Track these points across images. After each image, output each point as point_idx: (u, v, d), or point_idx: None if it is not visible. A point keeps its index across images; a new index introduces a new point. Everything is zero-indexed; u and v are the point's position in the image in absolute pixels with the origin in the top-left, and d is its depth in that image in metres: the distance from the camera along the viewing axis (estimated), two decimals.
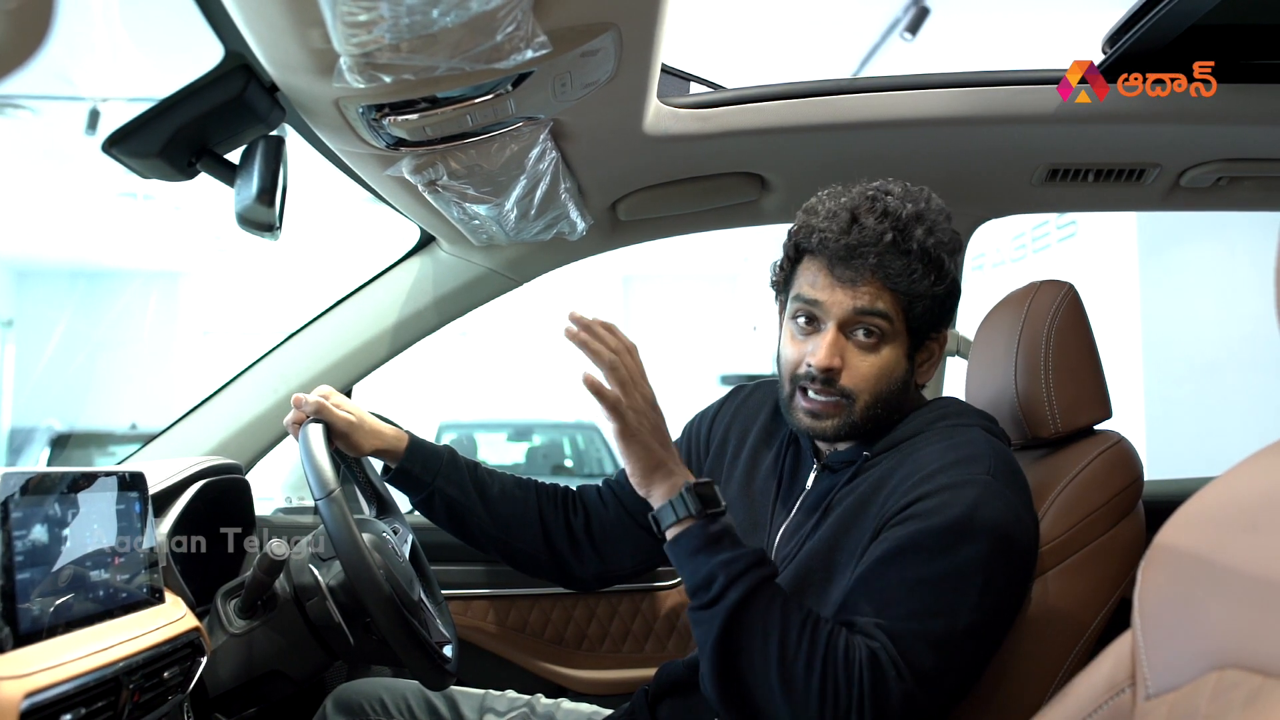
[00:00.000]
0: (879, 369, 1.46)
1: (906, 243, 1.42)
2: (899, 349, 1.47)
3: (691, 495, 1.33)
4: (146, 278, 13.91)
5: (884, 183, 1.50)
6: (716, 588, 1.29)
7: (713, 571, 1.29)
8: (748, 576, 1.28)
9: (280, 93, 1.38)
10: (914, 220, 1.44)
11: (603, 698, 2.02)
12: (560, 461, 10.73)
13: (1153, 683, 0.82)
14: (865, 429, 1.49)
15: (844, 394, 1.46)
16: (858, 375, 1.46)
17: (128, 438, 9.62)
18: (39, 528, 1.16)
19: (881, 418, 1.49)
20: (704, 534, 1.32)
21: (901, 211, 1.44)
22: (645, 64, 1.49)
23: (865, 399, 1.46)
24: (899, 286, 1.43)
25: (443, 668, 1.56)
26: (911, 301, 1.44)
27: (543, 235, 2.01)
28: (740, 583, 1.28)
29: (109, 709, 1.17)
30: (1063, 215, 7.13)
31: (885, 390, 1.47)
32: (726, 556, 1.30)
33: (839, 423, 1.47)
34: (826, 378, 1.45)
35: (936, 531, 1.30)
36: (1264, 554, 0.76)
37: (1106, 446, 1.53)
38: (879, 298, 1.43)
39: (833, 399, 1.47)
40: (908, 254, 1.42)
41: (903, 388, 1.49)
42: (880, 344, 1.45)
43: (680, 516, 1.33)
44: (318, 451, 1.56)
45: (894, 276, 1.42)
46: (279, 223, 1.45)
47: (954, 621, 1.28)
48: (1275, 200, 2.18)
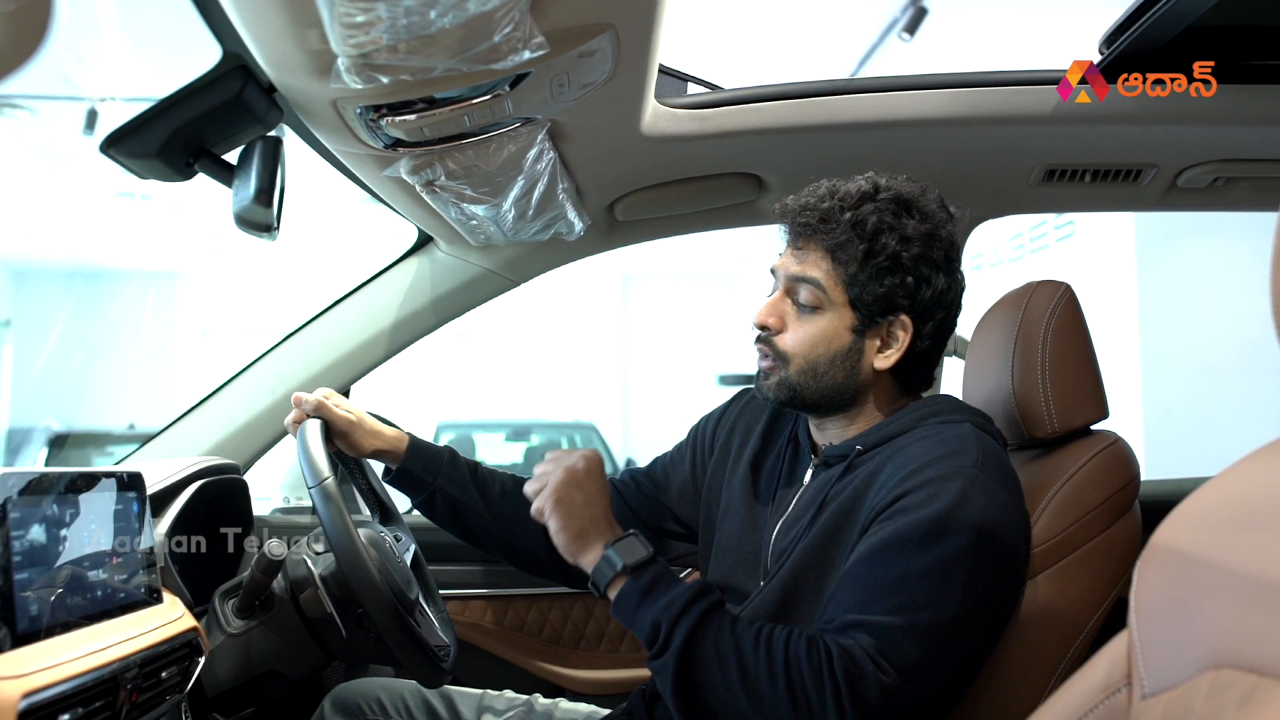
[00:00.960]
0: (813, 335, 1.49)
1: (844, 213, 1.47)
2: (838, 321, 1.49)
3: (615, 553, 1.37)
4: (144, 278, 13.90)
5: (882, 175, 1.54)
6: (662, 635, 1.31)
7: (655, 620, 1.32)
8: (688, 614, 1.30)
9: (278, 93, 1.38)
10: (865, 197, 1.48)
11: (600, 697, 2.02)
12: None
13: (1148, 682, 0.83)
14: (811, 399, 1.52)
15: (779, 355, 1.51)
16: (792, 338, 1.51)
17: (125, 438, 9.61)
18: (37, 528, 1.16)
19: (826, 390, 1.51)
20: (637, 588, 1.35)
21: (862, 189, 1.49)
22: (643, 65, 1.49)
23: (798, 363, 1.50)
24: (836, 254, 1.47)
25: (438, 665, 1.56)
26: (849, 272, 1.47)
27: (540, 235, 2.01)
28: (682, 622, 1.30)
29: (107, 709, 1.17)
30: (1060, 215, 7.13)
31: (821, 359, 1.49)
32: (663, 602, 1.32)
33: (776, 382, 1.52)
34: (764, 336, 1.53)
35: (921, 524, 1.30)
36: (1260, 554, 0.76)
37: (1103, 446, 1.53)
38: (816, 265, 1.48)
39: (770, 359, 1.53)
40: (839, 223, 1.47)
41: (846, 363, 1.50)
42: (817, 313, 1.49)
43: (611, 578, 1.37)
44: (313, 444, 1.57)
45: (832, 244, 1.47)
46: (277, 223, 1.45)
47: (939, 614, 1.28)
48: (1271, 200, 2.18)
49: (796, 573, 1.44)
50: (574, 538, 1.40)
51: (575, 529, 1.40)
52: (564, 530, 1.40)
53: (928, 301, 1.49)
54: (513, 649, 2.25)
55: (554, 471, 1.42)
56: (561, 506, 1.40)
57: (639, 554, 1.37)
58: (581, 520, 1.40)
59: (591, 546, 1.39)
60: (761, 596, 1.48)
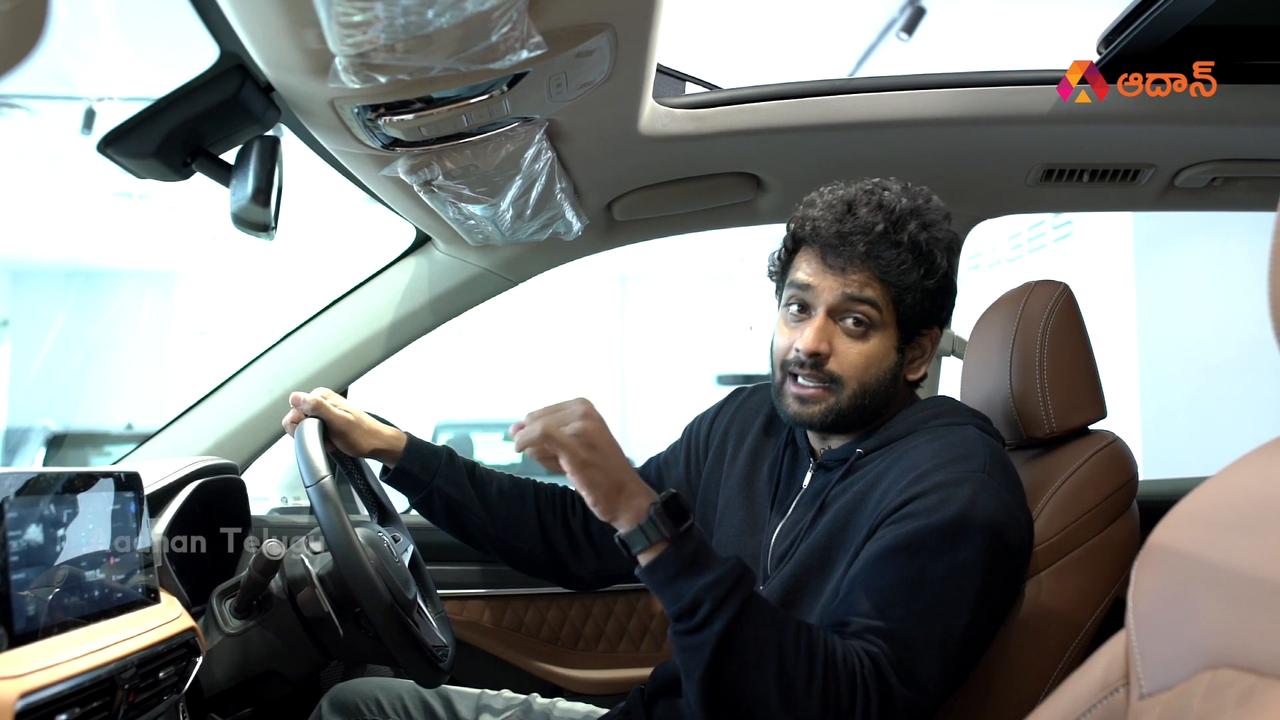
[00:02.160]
0: (866, 357, 1.47)
1: (898, 234, 1.44)
2: (888, 340, 1.48)
3: (661, 517, 1.26)
4: (142, 277, 13.89)
5: (884, 180, 1.52)
6: (703, 613, 1.24)
7: (697, 596, 1.24)
8: (734, 597, 1.24)
9: (276, 93, 1.38)
10: (909, 214, 1.45)
11: (598, 697, 2.02)
12: None
13: (1146, 682, 0.83)
14: (852, 419, 1.49)
15: (831, 379, 1.47)
16: (845, 362, 1.47)
17: (123, 438, 9.62)
18: (34, 528, 1.16)
19: (868, 409, 1.49)
20: (680, 557, 1.26)
21: (896, 205, 1.45)
22: (641, 64, 1.49)
23: (852, 386, 1.47)
24: (889, 277, 1.44)
25: (435, 664, 1.56)
26: (901, 293, 1.45)
27: (538, 235, 2.01)
28: (727, 605, 1.23)
29: (104, 709, 1.17)
30: (1059, 215, 7.13)
31: (872, 380, 1.47)
32: (710, 579, 1.24)
33: (825, 408, 1.48)
34: (814, 362, 1.47)
35: (934, 530, 1.30)
36: (1258, 553, 0.76)
37: (1101, 446, 1.53)
38: (868, 286, 1.45)
39: (820, 384, 1.48)
40: (898, 245, 1.44)
41: (891, 381, 1.50)
42: (868, 332, 1.46)
43: (652, 541, 1.26)
44: (311, 443, 1.57)
45: (884, 266, 1.44)
46: (274, 223, 1.45)
47: (953, 622, 1.28)
48: (1269, 200, 2.18)
49: (797, 575, 1.44)
50: (613, 492, 1.27)
51: (611, 483, 1.27)
52: (597, 487, 1.27)
53: (950, 310, 1.53)
54: (510, 649, 2.25)
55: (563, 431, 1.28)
56: (589, 469, 1.27)
57: (683, 519, 1.27)
58: (615, 475, 1.27)
59: (632, 501, 1.27)
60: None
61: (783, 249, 1.57)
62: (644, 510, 1.27)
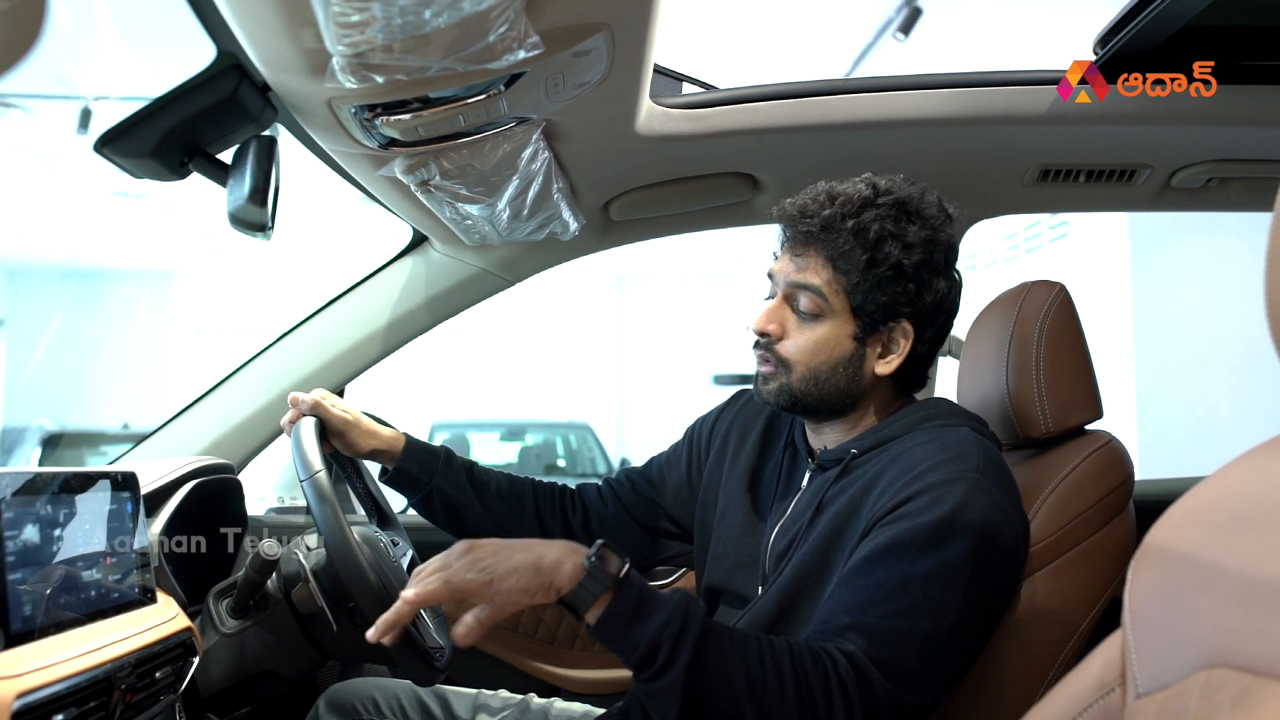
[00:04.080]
0: (814, 342, 1.48)
1: (843, 221, 1.45)
2: (839, 328, 1.48)
3: (596, 569, 1.20)
4: (139, 277, 13.90)
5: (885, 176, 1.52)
6: (662, 656, 1.19)
7: (653, 640, 1.20)
8: (688, 633, 1.20)
9: (272, 92, 1.38)
10: (866, 204, 1.46)
11: (596, 697, 2.02)
12: (553, 461, 10.76)
13: (1142, 682, 0.83)
14: (810, 403, 1.51)
15: (780, 361, 1.50)
16: (792, 345, 1.49)
17: (120, 437, 9.61)
18: (31, 528, 1.16)
19: (825, 396, 1.50)
20: (626, 604, 1.21)
21: (863, 194, 1.47)
22: (638, 64, 1.49)
23: (799, 370, 1.49)
24: (837, 263, 1.46)
25: (432, 663, 1.56)
26: (850, 281, 1.46)
27: (535, 235, 2.01)
28: (684, 642, 1.20)
29: (101, 709, 1.17)
30: (1055, 215, 7.15)
31: (822, 366, 1.48)
32: (660, 619, 1.20)
33: (777, 387, 1.51)
34: (765, 342, 1.51)
35: (924, 529, 1.30)
36: (1254, 553, 0.77)
37: (1097, 446, 1.53)
38: (817, 271, 1.47)
39: (770, 365, 1.51)
40: (841, 231, 1.45)
41: (848, 370, 1.49)
42: (817, 320, 1.48)
43: (595, 595, 1.20)
44: (307, 439, 1.56)
45: (833, 253, 1.46)
46: (271, 223, 1.45)
47: (939, 620, 1.28)
48: (1265, 201, 2.18)
49: (796, 579, 1.44)
50: (537, 575, 1.21)
51: (530, 569, 1.21)
52: (523, 585, 1.20)
53: (929, 307, 1.49)
54: (508, 648, 2.25)
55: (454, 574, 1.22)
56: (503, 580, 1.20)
57: (617, 566, 1.21)
58: (524, 560, 1.22)
59: (561, 568, 1.22)
60: (761, 603, 1.48)
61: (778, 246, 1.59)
62: (579, 567, 1.21)
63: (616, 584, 1.21)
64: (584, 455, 10.97)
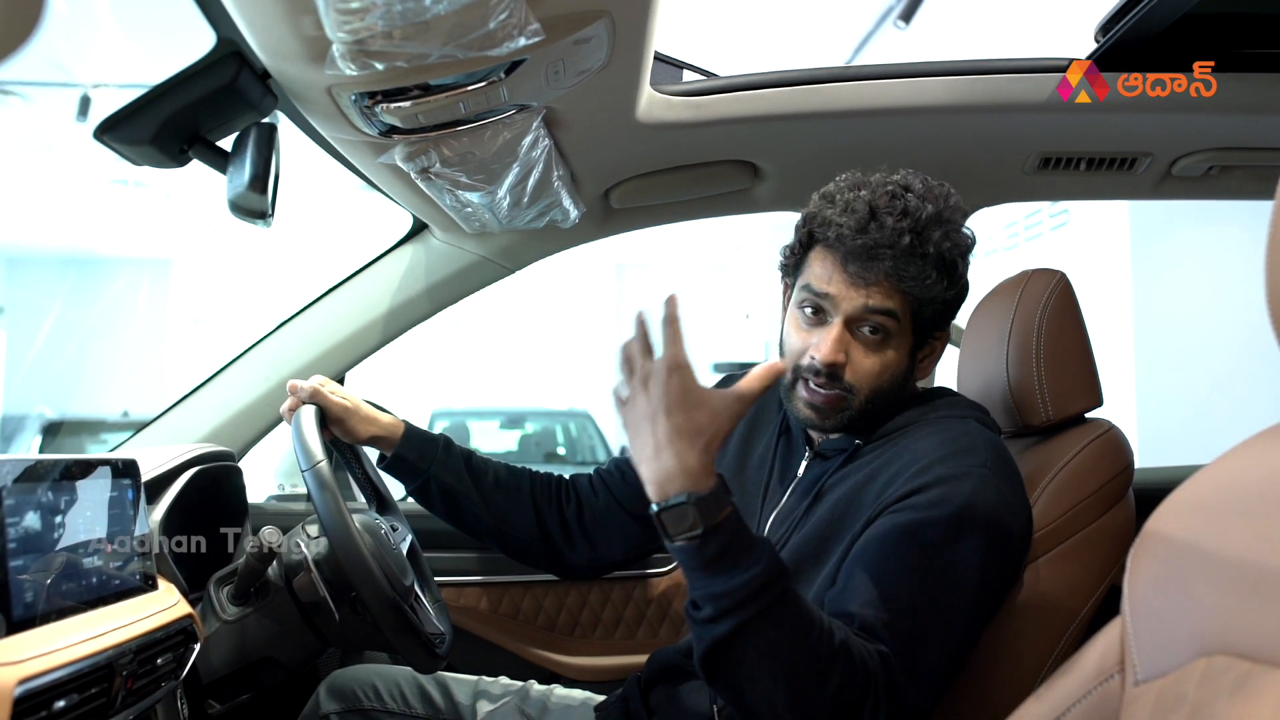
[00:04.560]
0: (882, 366, 1.45)
1: (923, 246, 1.40)
2: (903, 347, 1.46)
3: (691, 508, 1.14)
4: (137, 265, 13.90)
5: (904, 176, 1.48)
6: (704, 614, 1.18)
7: (704, 597, 1.18)
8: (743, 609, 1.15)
9: (273, 80, 1.37)
10: (933, 222, 1.42)
11: (595, 684, 2.03)
12: (553, 449, 10.76)
13: (1141, 668, 0.83)
14: (860, 423, 1.49)
15: (845, 389, 1.45)
16: (860, 371, 1.45)
17: (119, 425, 9.63)
18: (32, 515, 1.16)
19: (878, 413, 1.49)
20: (699, 557, 1.16)
21: (921, 212, 1.41)
22: (638, 51, 1.49)
23: (865, 394, 1.45)
24: (911, 289, 1.42)
25: (432, 649, 1.56)
26: (921, 304, 1.44)
27: (535, 223, 2.01)
28: (732, 615, 1.16)
29: (102, 695, 1.17)
30: (1055, 204, 7.14)
31: (886, 387, 1.46)
32: (721, 588, 1.16)
33: (839, 418, 1.47)
34: (830, 372, 1.44)
35: (936, 524, 1.30)
36: (1254, 540, 0.77)
37: (1097, 434, 1.54)
38: (889, 298, 1.42)
39: (834, 393, 1.45)
40: (923, 258, 1.40)
41: (902, 385, 1.49)
42: (885, 342, 1.44)
43: (671, 534, 1.17)
44: (308, 428, 1.57)
45: (907, 280, 1.41)
46: (271, 210, 1.44)
47: (953, 616, 1.29)
48: (1266, 189, 2.18)
49: (792, 564, 1.43)
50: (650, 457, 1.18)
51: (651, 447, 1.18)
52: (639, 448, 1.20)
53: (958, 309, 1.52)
54: (508, 635, 2.25)
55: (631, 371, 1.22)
56: (633, 414, 1.21)
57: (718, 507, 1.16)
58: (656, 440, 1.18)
59: (670, 479, 1.16)
60: None
61: (797, 243, 1.54)
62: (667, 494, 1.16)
63: (695, 538, 1.15)
64: (584, 443, 10.97)
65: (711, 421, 1.18)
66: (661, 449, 1.17)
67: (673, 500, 1.15)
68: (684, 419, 1.17)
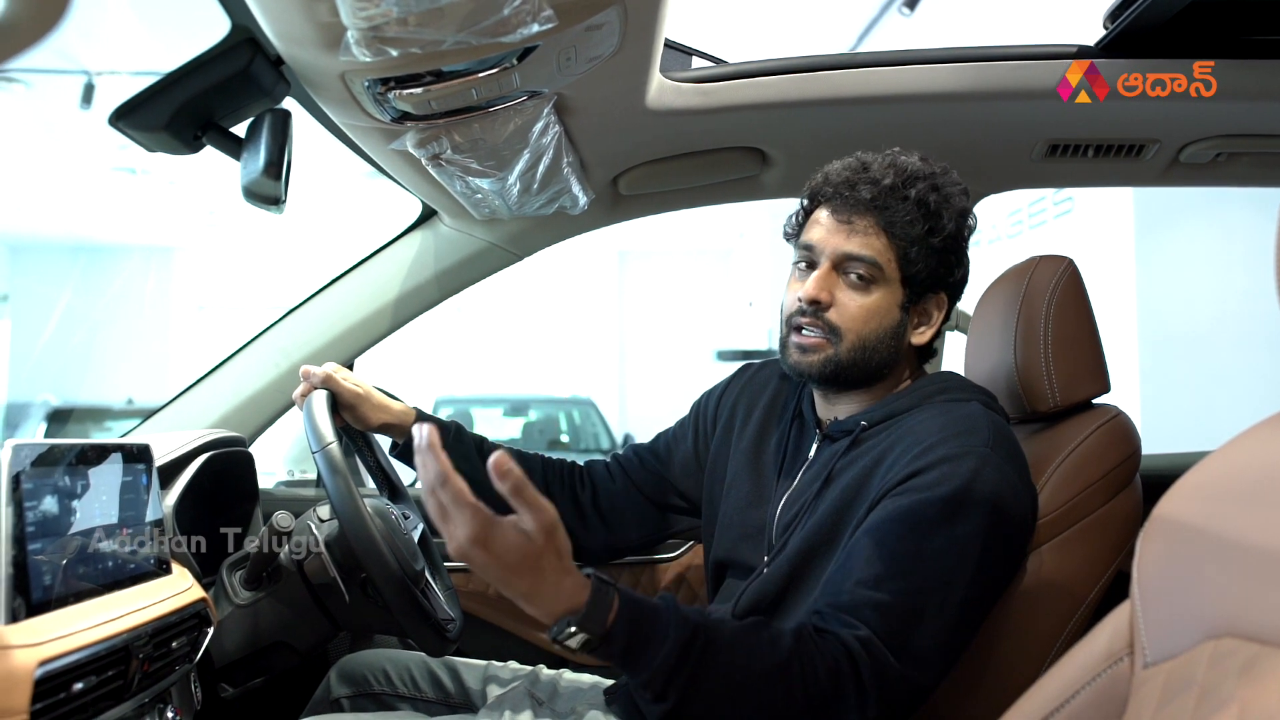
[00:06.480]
0: (867, 310, 1.49)
1: (906, 189, 1.47)
2: (890, 296, 1.50)
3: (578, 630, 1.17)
4: (142, 253, 13.91)
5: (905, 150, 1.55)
6: (647, 695, 1.21)
7: (636, 686, 1.22)
8: (676, 679, 1.18)
9: (286, 66, 1.38)
10: (920, 176, 1.49)
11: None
12: (556, 436, 10.79)
13: (1150, 651, 0.84)
14: (851, 373, 1.51)
15: (830, 329, 1.49)
16: (845, 313, 1.49)
17: (124, 413, 9.65)
18: (49, 499, 1.17)
19: (868, 365, 1.51)
20: (610, 655, 1.20)
21: (909, 166, 1.49)
22: (649, 38, 1.49)
23: (850, 338, 1.49)
24: (894, 230, 1.47)
25: (442, 632, 1.57)
26: (906, 249, 1.48)
27: (544, 209, 2.01)
28: (672, 688, 1.19)
29: (119, 678, 1.18)
30: (1059, 191, 7.12)
31: (871, 334, 1.49)
32: (645, 674, 1.19)
33: (824, 358, 1.50)
34: (815, 310, 1.49)
35: (935, 504, 1.31)
36: (1262, 525, 0.78)
37: (1104, 420, 1.54)
38: (873, 238, 1.48)
39: (819, 334, 1.50)
40: (905, 199, 1.47)
41: (892, 339, 1.51)
42: (871, 286, 1.49)
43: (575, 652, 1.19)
44: (319, 411, 1.57)
45: (890, 218, 1.47)
46: (285, 196, 1.45)
47: (950, 596, 1.29)
48: (1273, 176, 2.18)
49: (804, 550, 1.45)
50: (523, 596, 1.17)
51: (520, 597, 1.17)
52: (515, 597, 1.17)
53: (959, 280, 1.55)
54: (517, 620, 2.25)
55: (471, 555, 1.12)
56: (496, 580, 1.15)
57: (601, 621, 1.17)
58: (524, 587, 1.15)
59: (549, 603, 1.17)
60: (768, 573, 1.49)
61: (800, 210, 1.60)
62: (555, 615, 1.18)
63: (601, 638, 1.17)
64: (587, 430, 11.00)
65: (535, 545, 1.13)
66: (526, 596, 1.16)
67: (557, 630, 1.17)
68: (517, 563, 1.13)
